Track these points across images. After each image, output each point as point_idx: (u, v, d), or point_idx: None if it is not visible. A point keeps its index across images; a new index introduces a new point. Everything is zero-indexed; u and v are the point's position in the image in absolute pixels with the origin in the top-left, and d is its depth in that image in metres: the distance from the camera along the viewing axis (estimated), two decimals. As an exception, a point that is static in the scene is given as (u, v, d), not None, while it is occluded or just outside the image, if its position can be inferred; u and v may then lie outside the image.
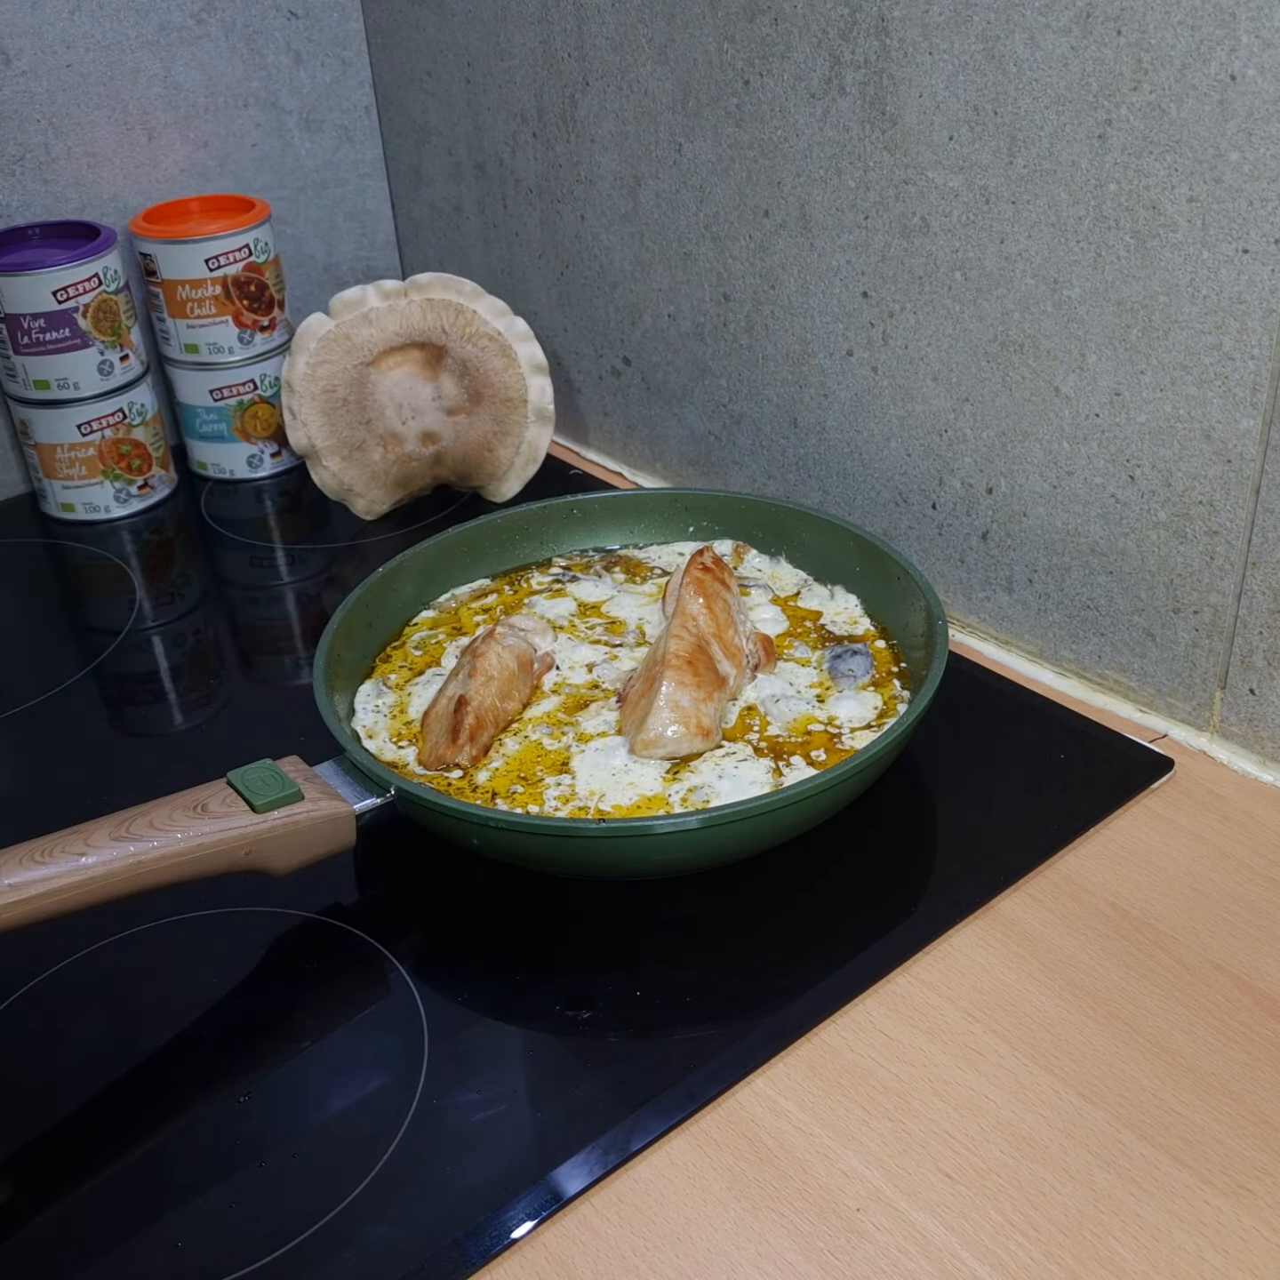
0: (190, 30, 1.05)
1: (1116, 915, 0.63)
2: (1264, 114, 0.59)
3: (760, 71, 0.81)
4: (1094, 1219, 0.51)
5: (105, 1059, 0.60)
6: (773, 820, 0.62)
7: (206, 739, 0.81)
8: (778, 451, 0.92)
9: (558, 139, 0.98)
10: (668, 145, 0.89)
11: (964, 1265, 0.49)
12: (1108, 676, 0.78)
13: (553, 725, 0.72)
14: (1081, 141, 0.66)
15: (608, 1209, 0.52)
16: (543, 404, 1.00)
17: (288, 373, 0.98)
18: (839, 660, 0.75)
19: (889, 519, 0.86)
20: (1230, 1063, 0.56)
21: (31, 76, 0.99)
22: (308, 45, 1.10)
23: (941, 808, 0.70)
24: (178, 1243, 0.52)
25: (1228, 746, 0.73)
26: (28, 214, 1.02)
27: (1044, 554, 0.78)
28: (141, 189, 1.07)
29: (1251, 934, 0.62)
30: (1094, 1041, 0.57)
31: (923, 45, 0.71)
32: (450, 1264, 0.50)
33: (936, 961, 0.62)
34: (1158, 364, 0.68)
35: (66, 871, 0.57)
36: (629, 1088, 0.57)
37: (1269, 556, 0.67)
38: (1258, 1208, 0.51)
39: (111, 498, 1.03)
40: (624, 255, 0.97)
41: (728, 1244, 0.51)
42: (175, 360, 1.06)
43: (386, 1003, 0.61)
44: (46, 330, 0.96)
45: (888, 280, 0.79)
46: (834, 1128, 0.55)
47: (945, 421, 0.80)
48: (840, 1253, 0.50)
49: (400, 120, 1.13)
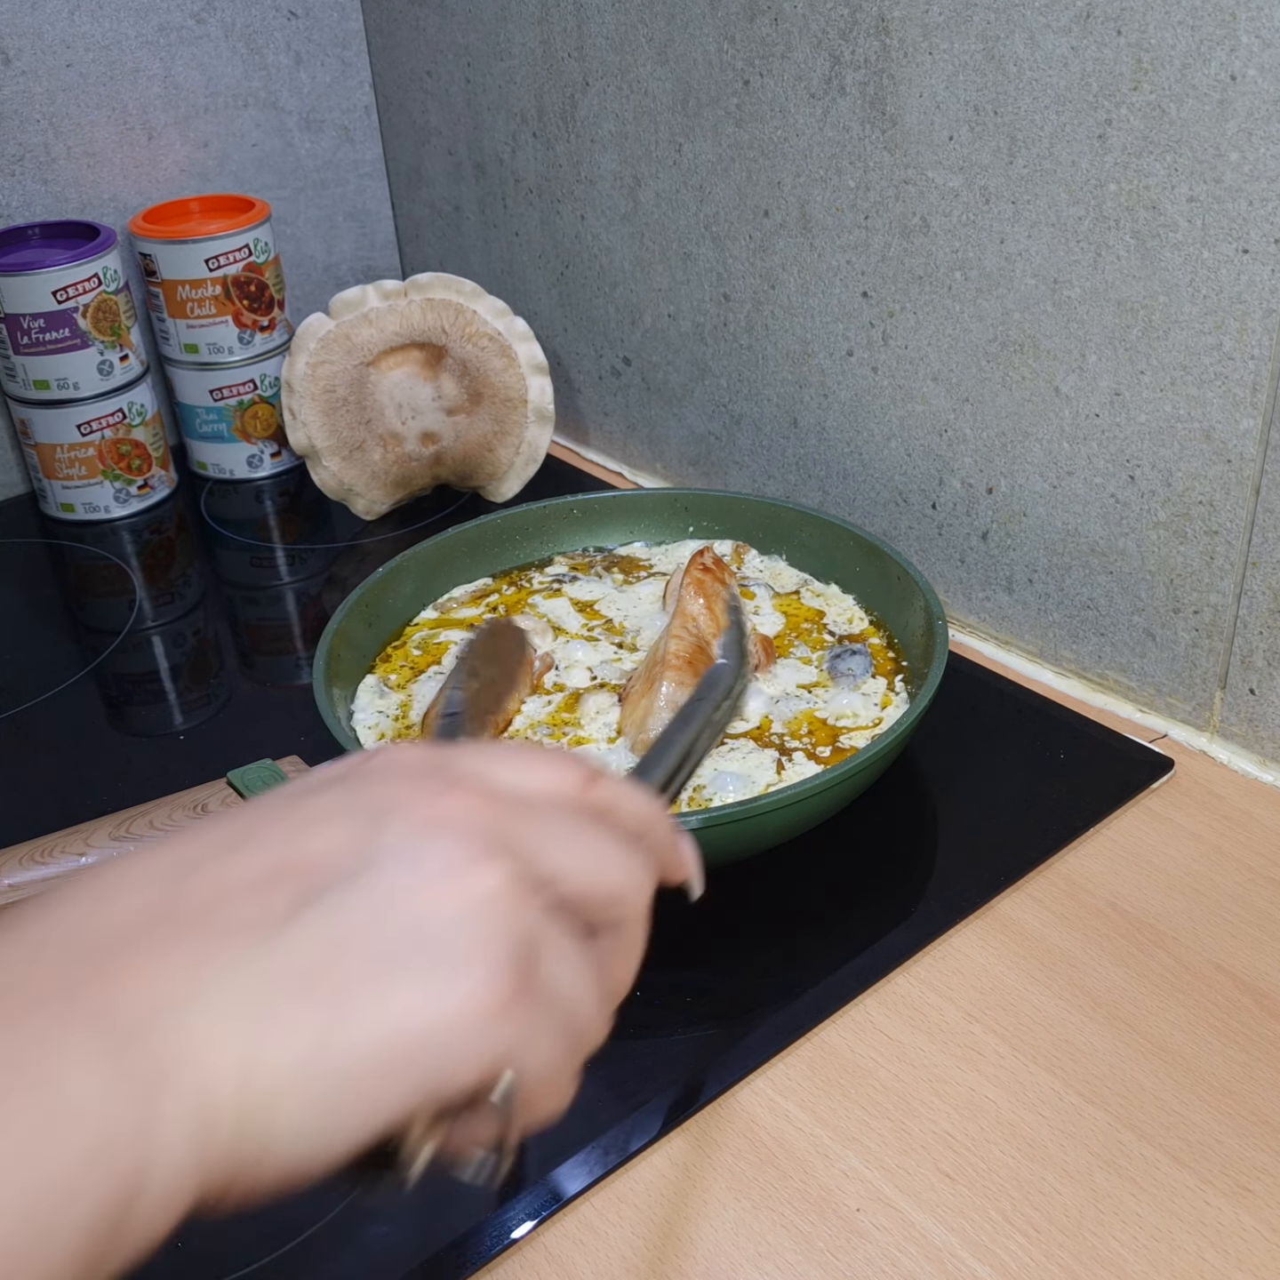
0: (190, 30, 1.05)
1: (1116, 915, 0.63)
2: (1264, 114, 0.59)
3: (760, 71, 0.81)
4: (1094, 1219, 0.51)
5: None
6: (773, 820, 0.62)
7: (206, 739, 0.81)
8: (778, 451, 0.92)
9: (558, 139, 0.98)
10: (668, 145, 0.89)
11: (964, 1265, 0.49)
12: (1108, 676, 0.78)
13: (553, 725, 0.72)
14: (1081, 141, 0.66)
15: (608, 1209, 0.52)
16: (543, 404, 1.00)
17: (288, 373, 0.98)
18: (839, 660, 0.75)
19: (889, 519, 0.86)
20: (1230, 1063, 0.56)
21: (31, 76, 0.99)
22: (308, 45, 1.10)
23: (941, 808, 0.70)
24: (178, 1243, 0.52)
25: (1228, 746, 0.73)
26: (28, 214, 1.02)
27: (1044, 554, 0.78)
28: (141, 189, 1.07)
29: (1251, 934, 0.62)
30: (1094, 1041, 0.57)
31: (923, 45, 0.71)
32: (450, 1264, 0.50)
33: (936, 961, 0.62)
34: (1158, 364, 0.68)
35: (66, 871, 0.57)
36: (629, 1088, 0.57)
37: (1269, 556, 0.67)
38: (1258, 1208, 0.51)
39: (111, 498, 1.03)
40: (624, 255, 0.97)
41: (728, 1244, 0.51)
42: (175, 360, 1.06)
43: (386, 1003, 0.61)
44: (46, 330, 0.96)
45: (888, 280, 0.79)
46: (834, 1128, 0.55)
47: (945, 421, 0.80)
48: (840, 1253, 0.50)
49: (400, 120, 1.13)
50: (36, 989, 0.29)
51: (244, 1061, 0.29)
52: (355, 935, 0.31)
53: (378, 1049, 0.30)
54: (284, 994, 0.30)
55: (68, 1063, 0.28)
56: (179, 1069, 0.29)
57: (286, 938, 0.31)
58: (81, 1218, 0.27)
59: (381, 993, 0.30)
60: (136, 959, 0.30)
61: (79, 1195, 0.27)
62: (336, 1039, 0.30)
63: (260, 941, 0.31)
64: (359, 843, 0.32)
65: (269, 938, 0.31)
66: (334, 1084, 0.30)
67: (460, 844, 0.32)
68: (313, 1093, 0.30)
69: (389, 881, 0.32)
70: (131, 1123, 0.28)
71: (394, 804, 0.33)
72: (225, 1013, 0.30)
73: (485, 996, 0.31)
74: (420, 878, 0.32)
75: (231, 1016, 0.30)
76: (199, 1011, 0.30)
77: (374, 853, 0.32)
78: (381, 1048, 0.30)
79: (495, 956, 0.31)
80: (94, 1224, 0.27)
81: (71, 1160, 0.27)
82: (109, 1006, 0.29)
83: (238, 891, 0.32)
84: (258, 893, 0.32)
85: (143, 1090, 0.29)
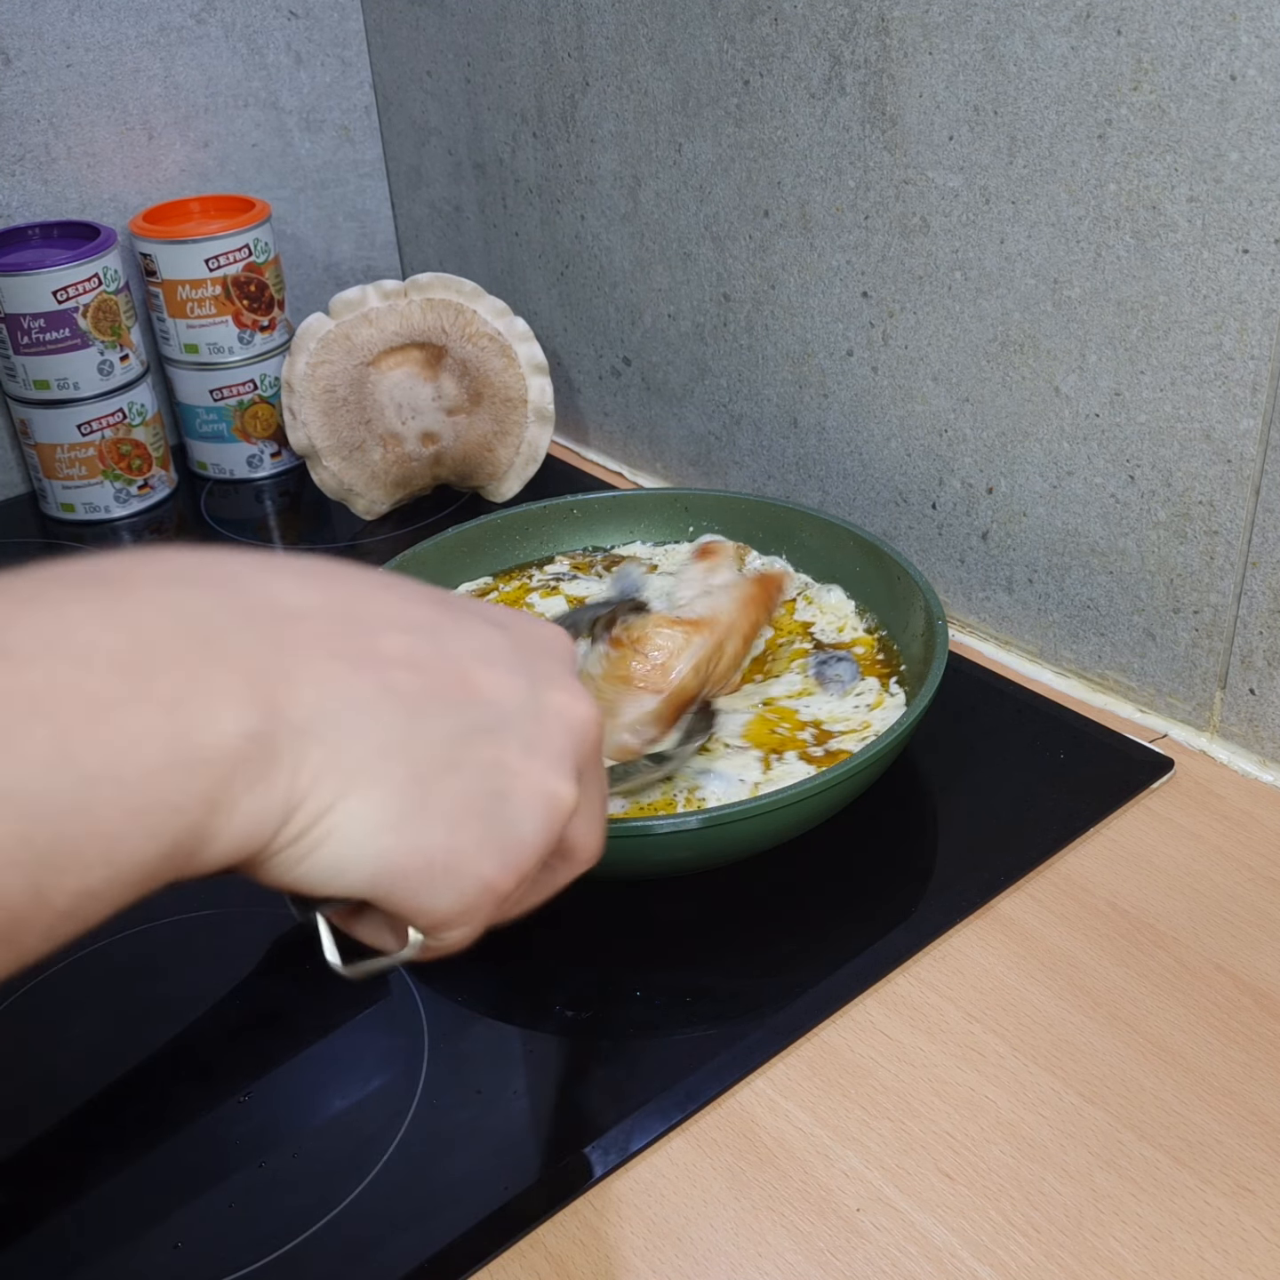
0: (190, 30, 1.05)
1: (1116, 915, 0.63)
2: (1264, 114, 0.59)
3: (760, 71, 0.81)
4: (1094, 1219, 0.51)
5: (105, 1059, 0.60)
6: (773, 820, 0.62)
7: (206, 739, 0.81)
8: (778, 451, 0.92)
9: (558, 139, 0.98)
10: (668, 145, 0.89)
11: (964, 1265, 0.49)
12: (1108, 676, 0.78)
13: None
14: (1081, 141, 0.66)
15: (608, 1209, 0.52)
16: (543, 404, 1.00)
17: (288, 373, 0.98)
18: (825, 666, 0.75)
19: (889, 519, 0.86)
20: (1230, 1063, 0.56)
21: (31, 76, 0.99)
22: (308, 45, 1.10)
23: (941, 808, 0.70)
24: (178, 1243, 0.52)
25: (1228, 746, 0.73)
26: (28, 214, 1.02)
27: (1044, 554, 0.78)
28: (141, 189, 1.07)
29: (1251, 934, 0.62)
30: (1094, 1041, 0.57)
31: (923, 45, 0.71)
32: (450, 1264, 0.50)
33: (936, 961, 0.62)
34: (1158, 364, 0.68)
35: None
36: (629, 1088, 0.57)
37: (1269, 556, 0.67)
38: (1258, 1208, 0.51)
39: (111, 498, 1.03)
40: (624, 255, 0.97)
41: (728, 1244, 0.51)
42: (175, 360, 1.06)
43: (386, 1003, 0.61)
44: (46, 330, 0.96)
45: (888, 280, 0.79)
46: (834, 1128, 0.55)
47: (945, 421, 0.80)
48: (840, 1253, 0.50)
49: (400, 120, 1.13)
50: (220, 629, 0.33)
51: (336, 805, 0.34)
52: (470, 762, 0.37)
53: (413, 863, 0.36)
54: (398, 773, 0.36)
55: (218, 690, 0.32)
56: (298, 779, 0.33)
57: (424, 733, 0.36)
58: (184, 815, 0.31)
59: (452, 825, 0.37)
60: (312, 654, 0.35)
61: (190, 795, 0.31)
62: (400, 839, 0.36)
63: (408, 721, 0.36)
64: (519, 699, 0.39)
65: (416, 724, 0.36)
66: (367, 862, 0.35)
67: (566, 757, 0.40)
68: (349, 855, 0.35)
69: (512, 746, 0.39)
70: (249, 769, 0.32)
71: (549, 682, 0.41)
72: (354, 763, 0.35)
73: (492, 880, 0.38)
74: (538, 750, 0.39)
75: (356, 769, 0.35)
76: (335, 747, 0.34)
77: (520, 721, 0.39)
78: (416, 863, 0.36)
79: (527, 856, 0.39)
80: (191, 823, 0.32)
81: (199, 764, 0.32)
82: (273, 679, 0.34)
83: (413, 665, 0.37)
84: (427, 676, 0.37)
85: (269, 753, 0.33)
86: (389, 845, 0.35)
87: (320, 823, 0.34)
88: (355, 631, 0.36)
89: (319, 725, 0.34)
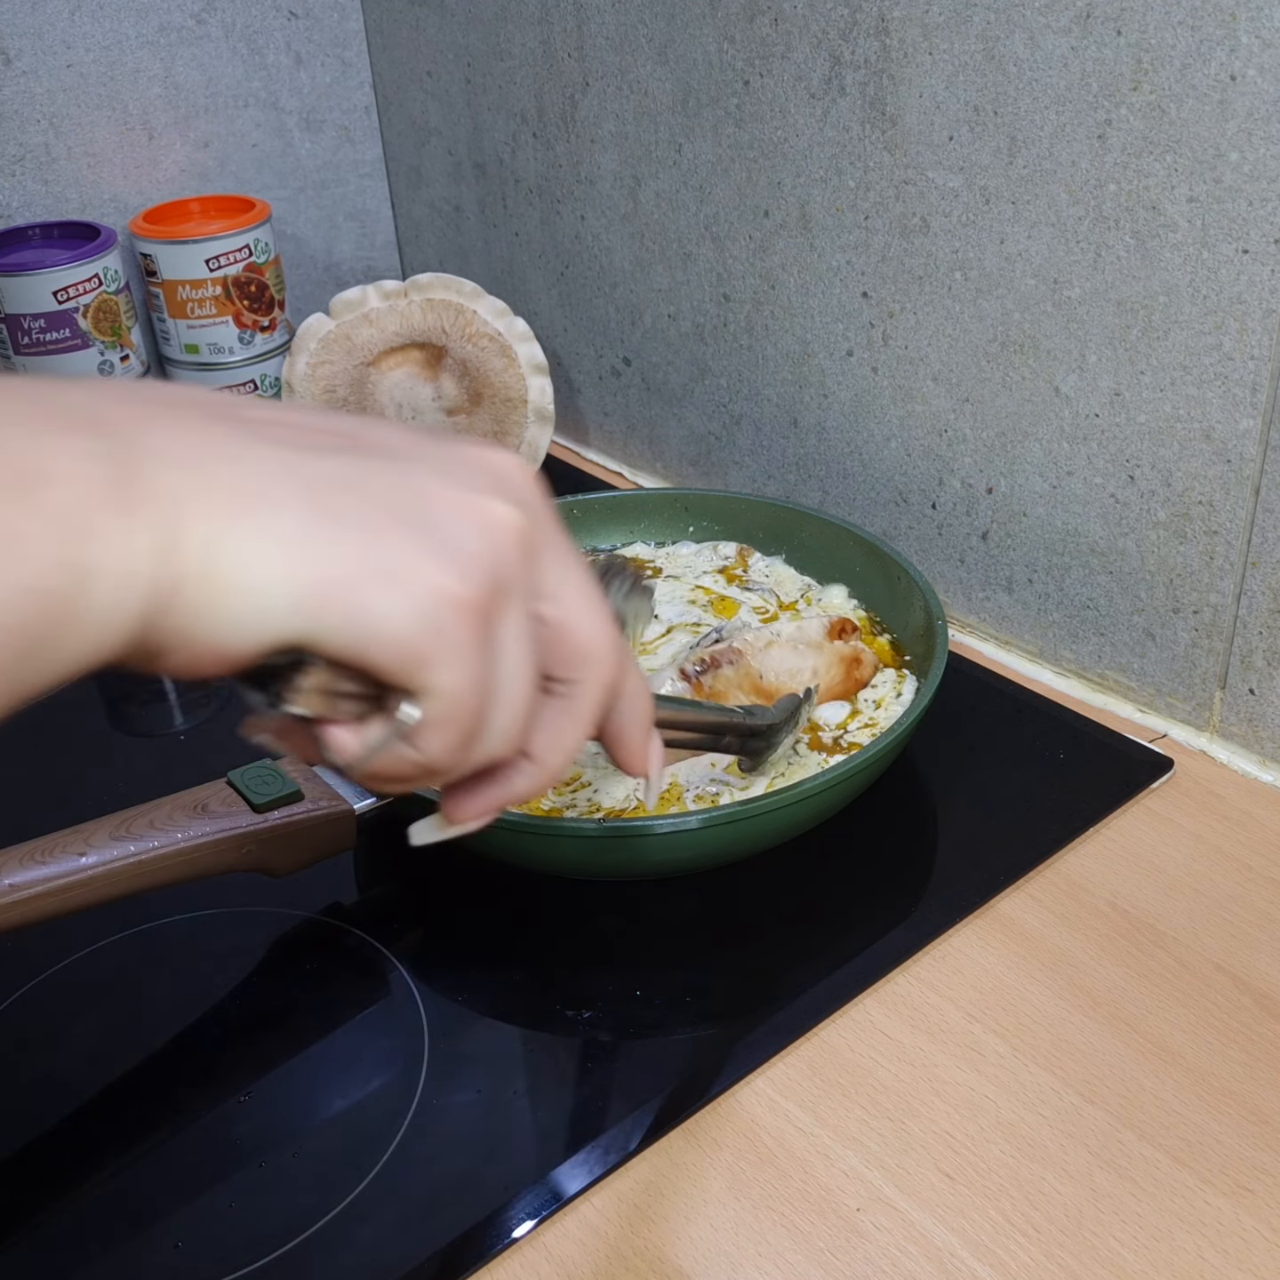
0: (190, 30, 1.05)
1: (1116, 915, 0.63)
2: (1264, 114, 0.59)
3: (760, 72, 0.81)
4: (1094, 1219, 0.51)
5: (105, 1059, 0.60)
6: (773, 820, 0.62)
7: (206, 739, 0.81)
8: (778, 451, 0.92)
9: (558, 139, 0.98)
10: (668, 145, 0.89)
11: (964, 1265, 0.49)
12: (1108, 676, 0.78)
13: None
14: (1081, 141, 0.66)
15: (608, 1209, 0.52)
16: (543, 404, 1.00)
17: (288, 373, 0.98)
18: None
19: (889, 519, 0.86)
20: (1230, 1063, 0.56)
21: (32, 77, 0.99)
22: (308, 45, 1.10)
23: (941, 808, 0.70)
24: (178, 1243, 0.52)
25: (1227, 746, 0.73)
26: (28, 214, 1.02)
27: (1044, 554, 0.78)
28: (141, 189, 1.07)
29: (1251, 934, 0.62)
30: (1094, 1041, 0.57)
31: (923, 45, 0.71)
32: (450, 1264, 0.50)
33: (936, 961, 0.62)
34: (1158, 364, 0.68)
35: (66, 871, 0.57)
36: (629, 1088, 0.57)
37: (1269, 556, 0.67)
38: (1258, 1208, 0.51)
39: (112, 498, 1.03)
40: (624, 255, 0.97)
41: (727, 1243, 0.51)
42: (175, 360, 1.06)
43: (386, 1003, 0.61)
44: (47, 330, 0.96)
45: (888, 280, 0.79)
46: (834, 1128, 0.55)
47: (945, 421, 0.80)
48: (840, 1252, 0.50)
49: (400, 120, 1.13)
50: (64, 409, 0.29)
51: (221, 533, 0.30)
52: (375, 483, 0.32)
53: (333, 574, 0.31)
54: (284, 492, 0.31)
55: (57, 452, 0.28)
56: (162, 504, 0.29)
57: (312, 462, 0.32)
58: (31, 592, 0.27)
59: (369, 532, 0.31)
60: (168, 419, 0.31)
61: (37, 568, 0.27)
62: (307, 551, 0.31)
63: (290, 453, 0.32)
64: (426, 448, 0.34)
65: (299, 455, 0.32)
66: (279, 587, 0.30)
67: (499, 491, 0.34)
68: (257, 586, 0.30)
69: (425, 468, 0.33)
70: (102, 523, 0.28)
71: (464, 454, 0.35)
72: (228, 485, 0.30)
73: (446, 587, 0.32)
74: (453, 479, 0.33)
75: (231, 490, 0.30)
76: (204, 473, 0.30)
77: (426, 457, 0.34)
78: (337, 574, 0.31)
79: (475, 566, 0.32)
80: (41, 603, 0.27)
81: (41, 525, 0.27)
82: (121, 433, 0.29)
83: (285, 424, 0.33)
84: (304, 432, 0.33)
85: (119, 502, 0.28)
86: (298, 559, 0.30)
87: (210, 554, 0.30)
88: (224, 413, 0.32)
89: (177, 449, 0.30)
